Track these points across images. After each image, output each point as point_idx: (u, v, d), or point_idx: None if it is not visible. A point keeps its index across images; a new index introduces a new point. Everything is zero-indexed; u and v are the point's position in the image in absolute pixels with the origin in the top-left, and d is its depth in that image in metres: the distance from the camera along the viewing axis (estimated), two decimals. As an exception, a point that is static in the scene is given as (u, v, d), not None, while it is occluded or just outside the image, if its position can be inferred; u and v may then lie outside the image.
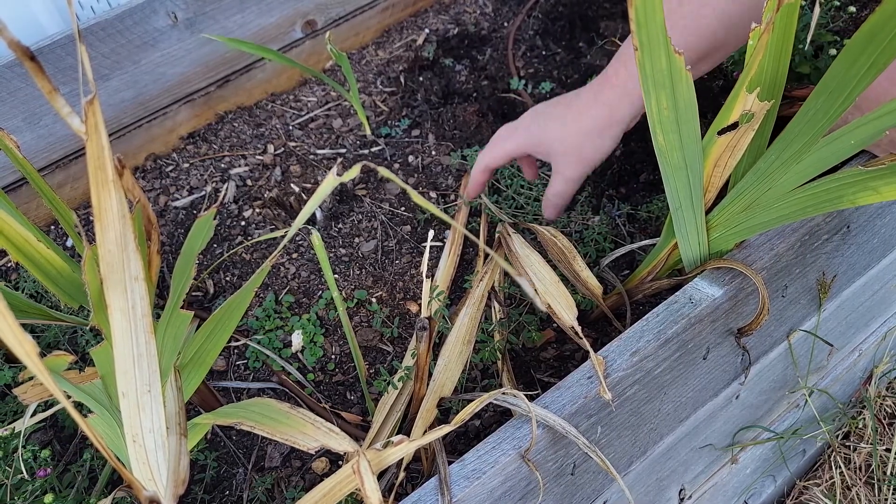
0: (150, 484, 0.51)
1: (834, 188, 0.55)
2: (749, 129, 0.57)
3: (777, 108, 0.61)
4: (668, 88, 0.53)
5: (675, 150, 0.57)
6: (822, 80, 0.52)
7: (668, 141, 0.57)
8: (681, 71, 0.51)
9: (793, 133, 0.56)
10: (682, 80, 0.52)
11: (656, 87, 0.53)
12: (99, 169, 0.43)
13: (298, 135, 1.12)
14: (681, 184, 0.61)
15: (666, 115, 0.54)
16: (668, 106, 0.54)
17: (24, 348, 0.34)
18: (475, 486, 0.55)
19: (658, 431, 0.69)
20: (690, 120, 0.55)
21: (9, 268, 0.99)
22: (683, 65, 0.51)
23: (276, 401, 0.63)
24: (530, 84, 1.14)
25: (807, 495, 1.10)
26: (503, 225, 0.87)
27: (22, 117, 0.96)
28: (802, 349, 0.81)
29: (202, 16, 1.05)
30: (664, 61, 0.51)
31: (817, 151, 0.55)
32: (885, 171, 0.51)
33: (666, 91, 0.53)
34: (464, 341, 0.77)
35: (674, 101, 0.53)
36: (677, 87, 0.52)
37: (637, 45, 0.49)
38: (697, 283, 0.66)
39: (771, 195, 0.60)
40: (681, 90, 0.53)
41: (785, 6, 0.51)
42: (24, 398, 0.67)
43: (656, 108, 0.54)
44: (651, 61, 0.51)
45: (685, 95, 0.53)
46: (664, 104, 0.54)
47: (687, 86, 0.52)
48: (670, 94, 0.53)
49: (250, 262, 0.96)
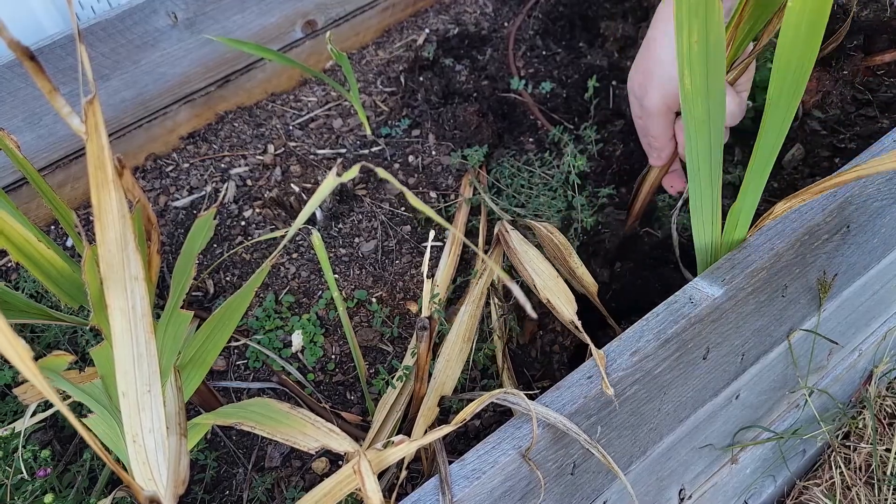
0: (150, 484, 0.51)
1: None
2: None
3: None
4: (703, 18, 0.51)
5: (700, 95, 0.56)
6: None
7: (695, 85, 0.55)
8: (714, 1, 0.50)
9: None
10: (716, 9, 0.51)
11: (690, 16, 0.51)
12: (99, 169, 0.43)
13: (298, 135, 1.12)
14: (702, 142, 0.59)
15: (696, 50, 0.53)
16: (698, 39, 0.52)
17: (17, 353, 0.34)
18: (475, 485, 0.55)
19: (658, 431, 0.69)
20: (719, 60, 0.54)
21: (9, 268, 0.99)
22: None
23: (276, 401, 0.63)
24: (530, 84, 1.14)
25: (807, 495, 1.10)
26: (502, 222, 0.87)
27: (22, 117, 0.96)
28: (802, 349, 0.81)
29: (202, 16, 1.05)
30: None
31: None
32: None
33: (699, 20, 0.51)
34: (464, 339, 0.77)
35: (706, 34, 0.52)
36: (710, 17, 0.51)
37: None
38: (697, 283, 0.66)
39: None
40: (713, 20, 0.51)
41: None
42: (24, 398, 0.67)
43: (687, 43, 0.53)
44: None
45: (716, 28, 0.52)
46: (695, 37, 0.52)
47: (719, 18, 0.51)
48: (703, 26, 0.52)
49: (250, 262, 0.96)
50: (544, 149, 1.04)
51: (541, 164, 1.01)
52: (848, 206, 0.70)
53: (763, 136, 0.59)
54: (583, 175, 0.99)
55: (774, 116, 0.58)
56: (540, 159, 1.02)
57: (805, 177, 0.94)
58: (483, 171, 1.02)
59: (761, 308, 0.70)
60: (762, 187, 0.63)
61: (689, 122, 0.59)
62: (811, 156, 0.95)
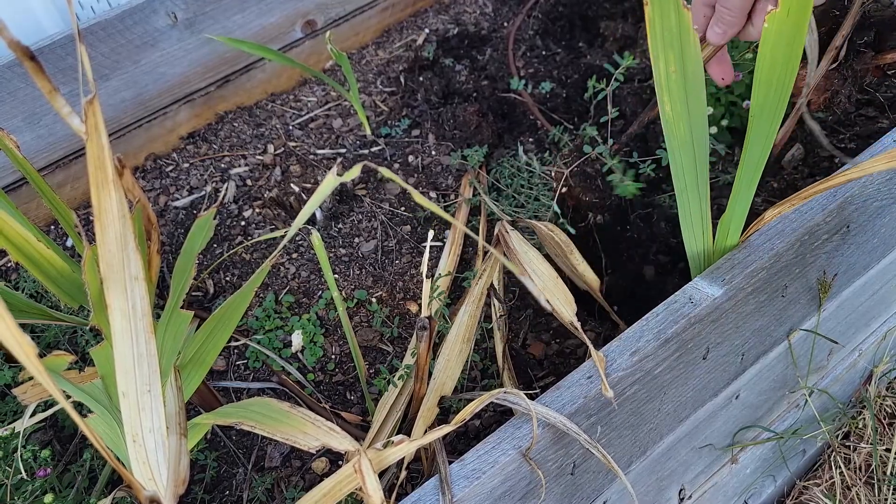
0: (150, 484, 0.51)
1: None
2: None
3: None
4: (678, 49, 0.52)
5: (682, 120, 0.57)
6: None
7: (676, 110, 0.56)
8: (689, 30, 0.50)
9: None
10: (690, 40, 0.51)
11: (665, 48, 0.52)
12: (99, 169, 0.43)
13: (298, 135, 1.12)
14: (686, 161, 0.60)
15: (674, 78, 0.53)
16: (676, 69, 0.53)
17: (23, 350, 0.34)
18: (475, 485, 0.55)
19: (658, 431, 0.69)
20: (698, 86, 0.54)
21: (9, 268, 0.99)
22: (691, 23, 0.50)
23: (276, 400, 0.63)
24: (530, 84, 1.14)
25: (807, 495, 1.10)
26: (502, 223, 0.87)
27: (22, 117, 0.96)
28: (802, 349, 0.81)
29: (202, 16, 1.05)
30: (674, 18, 0.50)
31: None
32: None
33: (675, 52, 0.52)
34: (464, 339, 0.77)
35: (682, 64, 0.52)
36: (686, 48, 0.52)
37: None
38: (697, 283, 0.66)
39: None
40: (689, 52, 0.52)
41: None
42: (23, 398, 0.67)
43: (664, 72, 0.53)
44: (661, 17, 0.50)
45: (693, 58, 0.52)
46: (672, 67, 0.53)
47: (695, 48, 0.52)
48: (679, 56, 0.52)
49: (250, 262, 0.96)
50: (544, 149, 1.04)
51: (541, 164, 1.01)
52: (848, 206, 0.70)
53: (748, 150, 0.60)
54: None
55: (758, 131, 0.58)
56: (540, 159, 1.02)
57: (805, 177, 0.94)
58: (483, 171, 1.02)
59: (761, 308, 0.70)
60: (751, 197, 0.64)
61: (673, 142, 0.60)
62: (811, 156, 0.95)
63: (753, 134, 0.58)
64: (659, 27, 0.51)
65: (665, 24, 0.50)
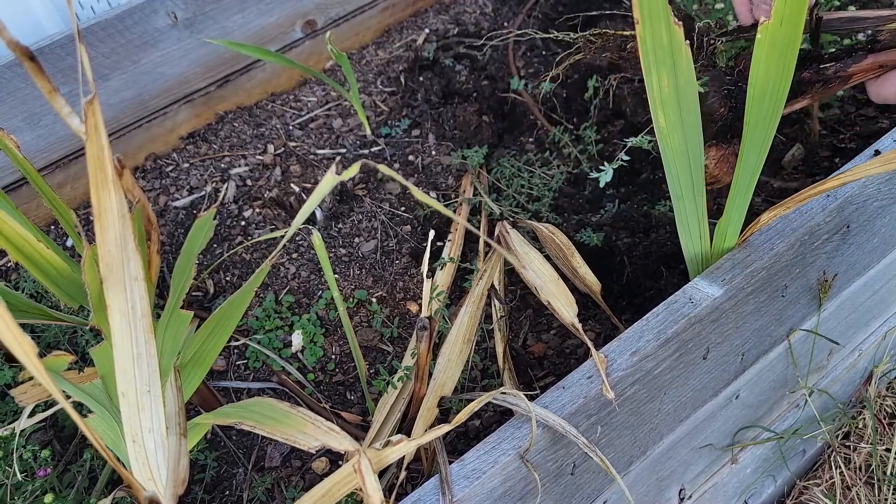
0: (150, 484, 0.51)
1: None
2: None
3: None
4: (669, 65, 0.52)
5: (676, 131, 0.57)
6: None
7: (669, 122, 0.56)
8: (680, 45, 0.51)
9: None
10: (683, 55, 0.51)
11: (657, 64, 0.52)
12: (99, 169, 0.43)
13: (298, 135, 1.12)
14: (682, 170, 0.60)
15: (667, 93, 0.54)
16: (669, 84, 0.53)
17: (23, 349, 0.34)
18: (475, 485, 0.54)
19: (658, 431, 0.69)
20: (691, 99, 0.55)
21: (9, 268, 0.99)
22: (683, 38, 0.50)
23: (276, 400, 0.63)
24: (530, 84, 1.14)
25: (807, 495, 1.10)
26: (502, 224, 0.87)
27: (22, 117, 0.96)
28: (802, 349, 0.81)
29: (202, 16, 1.05)
30: (665, 36, 0.50)
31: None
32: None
33: (667, 67, 0.52)
34: (464, 340, 0.77)
35: (675, 79, 0.53)
36: (678, 62, 0.52)
37: (638, 17, 0.49)
38: (697, 283, 0.66)
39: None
40: (681, 66, 0.52)
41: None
42: (22, 400, 0.67)
43: (657, 87, 0.54)
44: (652, 35, 0.50)
45: (686, 72, 0.53)
46: (665, 82, 0.53)
47: (687, 62, 0.52)
48: (671, 71, 0.53)
49: (250, 262, 0.96)
50: (544, 149, 1.04)
51: (541, 165, 1.01)
52: (848, 206, 0.70)
53: (744, 156, 0.60)
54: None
55: (753, 138, 0.59)
56: (540, 159, 1.02)
57: (805, 177, 0.94)
58: (483, 172, 1.02)
59: (761, 308, 0.70)
60: (748, 203, 0.64)
61: (668, 153, 0.60)
62: (811, 156, 0.95)
63: (748, 143, 0.59)
64: (650, 44, 0.51)
65: (656, 42, 0.51)
